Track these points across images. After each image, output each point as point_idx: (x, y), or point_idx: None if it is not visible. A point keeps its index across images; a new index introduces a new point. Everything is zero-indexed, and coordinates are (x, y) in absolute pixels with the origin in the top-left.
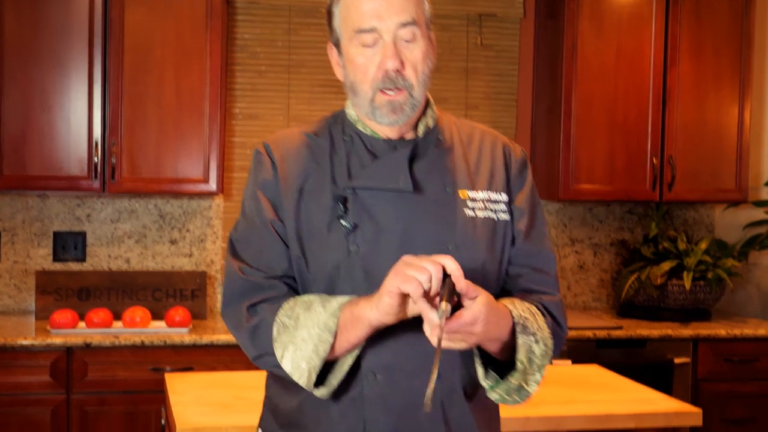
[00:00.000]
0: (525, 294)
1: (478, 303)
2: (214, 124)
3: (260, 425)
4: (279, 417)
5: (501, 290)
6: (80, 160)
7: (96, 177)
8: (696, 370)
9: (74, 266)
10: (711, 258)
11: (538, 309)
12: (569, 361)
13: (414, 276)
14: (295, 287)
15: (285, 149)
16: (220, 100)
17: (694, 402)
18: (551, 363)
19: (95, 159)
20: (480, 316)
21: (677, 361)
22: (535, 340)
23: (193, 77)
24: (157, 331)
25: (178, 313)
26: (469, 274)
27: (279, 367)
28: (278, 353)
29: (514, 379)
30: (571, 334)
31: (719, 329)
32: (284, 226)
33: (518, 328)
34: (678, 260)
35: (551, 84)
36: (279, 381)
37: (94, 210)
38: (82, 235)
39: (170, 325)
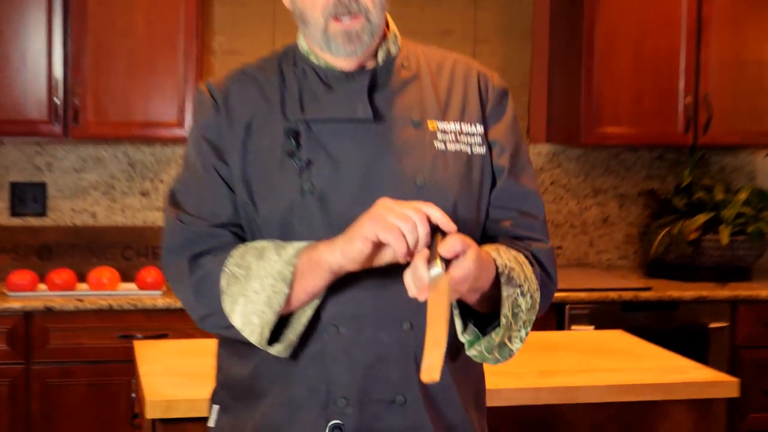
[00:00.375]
0: (511, 240)
1: (468, 260)
2: (190, 60)
3: (213, 400)
4: (233, 389)
5: (483, 236)
6: (39, 101)
7: (57, 121)
8: (734, 336)
9: (33, 221)
10: (752, 209)
11: (526, 258)
12: (591, 327)
13: (396, 225)
14: (242, 236)
15: (228, 87)
16: (197, 33)
17: (731, 371)
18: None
19: (56, 100)
20: (470, 275)
21: (713, 325)
22: (521, 293)
23: (166, 7)
24: (127, 293)
25: (150, 273)
26: (442, 198)
27: (228, 328)
28: (227, 307)
29: (496, 335)
30: (594, 296)
31: (760, 290)
32: (229, 168)
33: (503, 279)
34: (714, 212)
35: (571, 14)
36: (230, 348)
37: (56, 158)
38: (42, 187)
39: (141, 287)
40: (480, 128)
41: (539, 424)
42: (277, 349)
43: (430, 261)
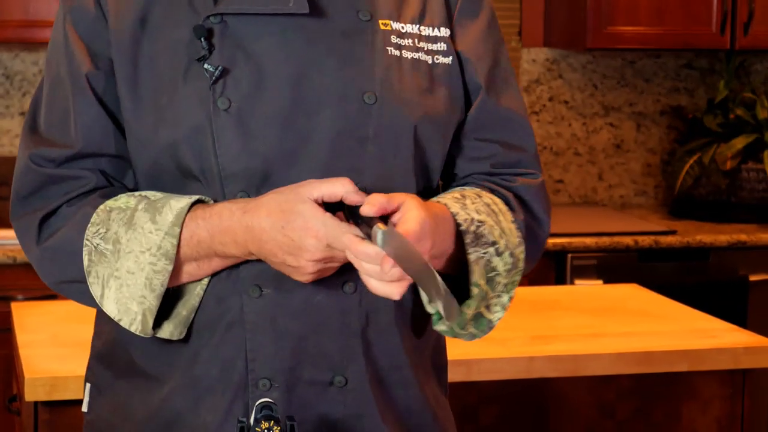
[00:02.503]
0: (484, 179)
1: (410, 207)
2: None
3: (88, 379)
4: (115, 363)
5: (452, 178)
6: None
7: None
8: None
9: None
10: None
11: (505, 201)
12: (599, 281)
13: (305, 264)
14: (121, 172)
15: None
16: None
17: None
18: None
19: None
20: (425, 224)
21: (753, 278)
22: (496, 252)
23: None
24: (2, 243)
25: None
26: (394, 143)
27: (93, 298)
28: (95, 291)
29: (469, 308)
30: (603, 242)
31: None
32: (108, 78)
33: (467, 239)
34: (757, 134)
35: None
36: None
37: None
38: None
39: None
40: (445, 32)
41: (531, 404)
42: (168, 331)
43: (370, 234)
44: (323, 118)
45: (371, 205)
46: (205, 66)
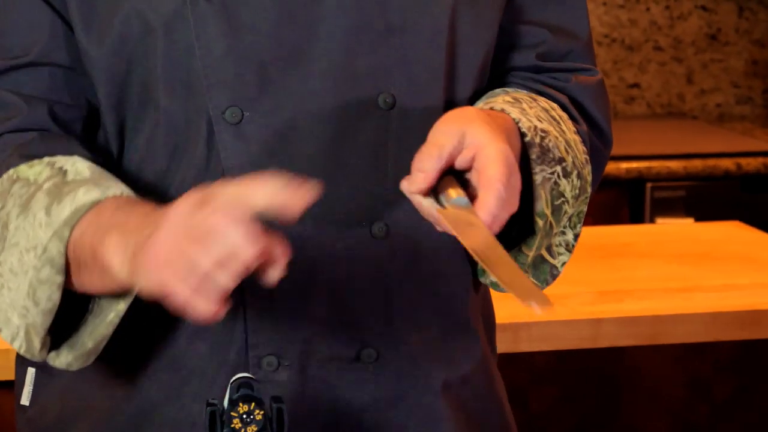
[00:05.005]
0: (532, 79)
1: (481, 143)
2: None
3: (30, 362)
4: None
5: (491, 78)
6: None
7: None
8: None
9: None
10: None
11: (563, 107)
12: (689, 219)
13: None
14: (74, 93)
15: None
16: None
17: None
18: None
19: None
20: (510, 156)
21: None
22: (562, 172)
23: None
24: None
25: None
26: (427, 31)
27: None
28: None
29: (528, 249)
30: (694, 166)
31: None
32: None
33: (533, 153)
34: None
35: None
36: None
37: None
38: None
39: None
40: None
41: (599, 383)
42: (64, 360)
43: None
44: (331, 3)
45: (410, 182)
46: None
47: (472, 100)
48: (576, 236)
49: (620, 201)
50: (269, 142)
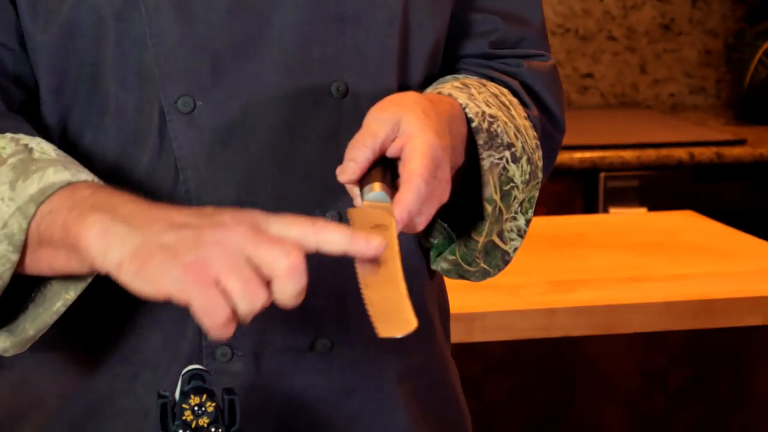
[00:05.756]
0: (482, 64)
1: (411, 131)
2: None
3: None
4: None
5: (443, 66)
6: None
7: None
8: None
9: None
10: None
11: (513, 91)
12: (642, 208)
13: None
14: (24, 75)
15: None
16: None
17: None
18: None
19: None
20: (437, 148)
21: None
22: (512, 157)
23: None
24: None
25: None
26: (380, 20)
27: None
28: None
29: (478, 235)
30: (647, 155)
31: None
32: None
33: (480, 139)
34: None
35: None
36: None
37: None
38: None
39: None
40: None
41: (553, 373)
42: (2, 345)
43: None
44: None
45: (342, 172)
46: None
47: (423, 87)
48: (528, 222)
49: (573, 191)
50: (222, 132)
